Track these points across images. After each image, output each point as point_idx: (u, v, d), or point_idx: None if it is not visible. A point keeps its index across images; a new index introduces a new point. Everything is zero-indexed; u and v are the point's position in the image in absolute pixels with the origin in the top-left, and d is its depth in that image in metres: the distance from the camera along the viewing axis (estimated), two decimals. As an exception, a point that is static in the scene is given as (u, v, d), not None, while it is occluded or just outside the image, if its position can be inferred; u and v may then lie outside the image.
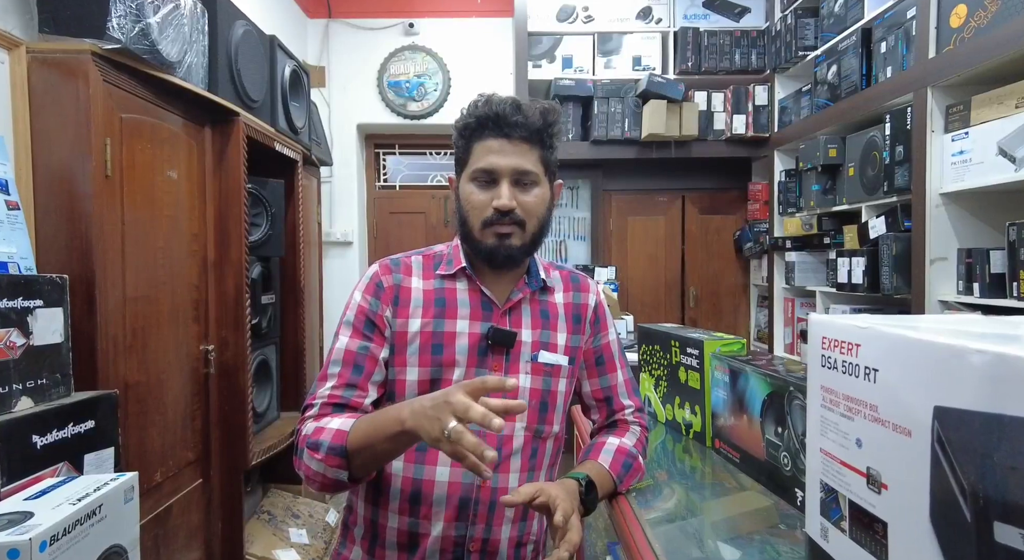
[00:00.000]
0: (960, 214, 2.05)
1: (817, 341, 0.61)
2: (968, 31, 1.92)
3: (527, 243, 0.93)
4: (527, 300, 0.97)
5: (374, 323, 0.92)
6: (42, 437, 1.14)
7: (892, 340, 0.49)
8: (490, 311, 0.94)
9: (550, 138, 0.94)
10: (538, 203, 0.93)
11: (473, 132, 0.92)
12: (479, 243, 0.92)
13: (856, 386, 0.54)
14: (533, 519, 0.95)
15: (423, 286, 0.95)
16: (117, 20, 1.40)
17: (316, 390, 0.92)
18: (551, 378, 0.95)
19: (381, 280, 0.94)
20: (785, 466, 0.89)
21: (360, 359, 0.91)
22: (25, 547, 0.85)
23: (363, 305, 0.93)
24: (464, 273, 0.96)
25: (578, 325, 1.00)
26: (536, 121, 0.91)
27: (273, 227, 2.25)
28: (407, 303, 0.93)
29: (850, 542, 0.55)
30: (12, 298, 1.13)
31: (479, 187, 0.92)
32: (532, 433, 0.93)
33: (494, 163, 0.90)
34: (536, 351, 0.94)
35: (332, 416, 0.87)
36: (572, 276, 1.05)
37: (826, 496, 0.59)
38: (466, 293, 0.95)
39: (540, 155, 0.93)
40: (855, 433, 0.54)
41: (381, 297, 0.93)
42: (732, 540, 0.93)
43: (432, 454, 0.89)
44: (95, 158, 1.40)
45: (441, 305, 0.93)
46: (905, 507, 0.47)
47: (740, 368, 1.01)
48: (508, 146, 0.90)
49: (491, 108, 0.90)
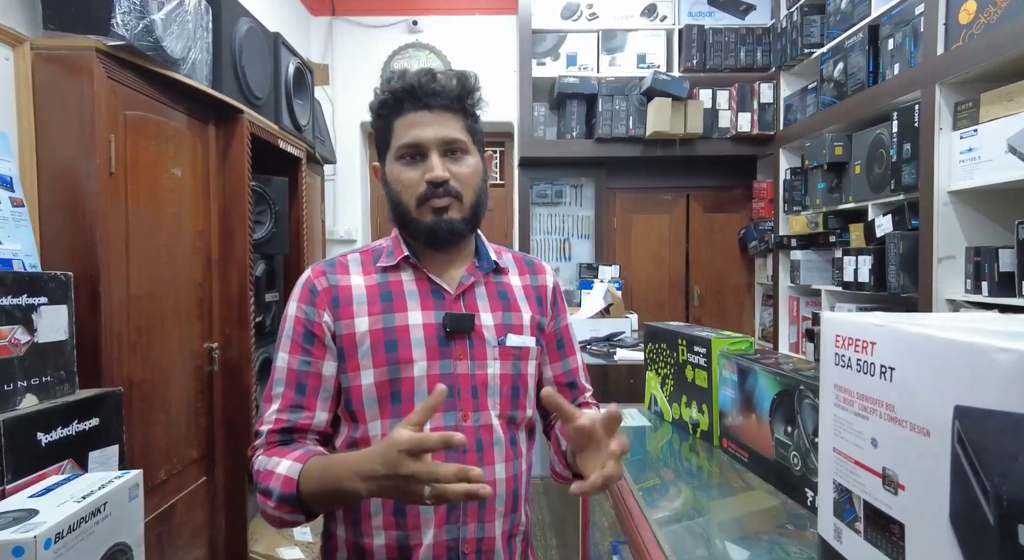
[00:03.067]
0: (968, 212, 2.03)
1: (831, 339, 0.60)
2: (977, 27, 1.90)
3: (467, 216, 0.88)
4: (480, 283, 0.92)
5: (313, 334, 0.86)
6: (47, 434, 1.13)
7: (910, 338, 0.48)
8: (442, 298, 0.88)
9: (472, 106, 0.89)
10: (472, 173, 0.88)
11: (391, 109, 0.87)
12: (417, 222, 0.87)
13: (871, 385, 0.53)
14: (521, 510, 0.91)
15: (364, 282, 0.88)
16: (121, 16, 1.39)
17: (263, 413, 0.87)
18: (520, 361, 0.91)
19: (314, 284, 0.88)
20: (795, 466, 0.88)
21: (303, 377, 0.85)
22: (30, 545, 0.84)
23: (298, 316, 0.87)
24: (408, 262, 0.90)
25: (541, 306, 0.96)
26: (454, 88, 0.86)
27: (277, 225, 2.24)
28: (348, 302, 0.86)
29: (865, 543, 0.54)
30: (17, 295, 1.13)
31: (407, 165, 0.86)
32: (506, 420, 0.89)
33: (419, 136, 0.85)
34: (502, 335, 0.89)
35: (279, 449, 0.83)
36: (526, 259, 1.01)
37: (840, 496, 0.58)
38: (413, 283, 0.89)
39: (465, 123, 0.88)
40: (870, 432, 0.53)
41: (316, 303, 0.86)
42: (740, 540, 0.92)
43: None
44: (99, 155, 1.39)
45: (388, 299, 0.87)
46: (923, 508, 0.46)
47: (749, 367, 1.00)
48: (430, 117, 0.85)
49: (406, 81, 0.86)
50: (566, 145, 3.52)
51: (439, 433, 0.66)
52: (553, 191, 3.86)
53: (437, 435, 0.65)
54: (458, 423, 0.84)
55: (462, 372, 0.85)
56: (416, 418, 0.67)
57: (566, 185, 3.89)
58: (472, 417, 0.85)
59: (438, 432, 0.67)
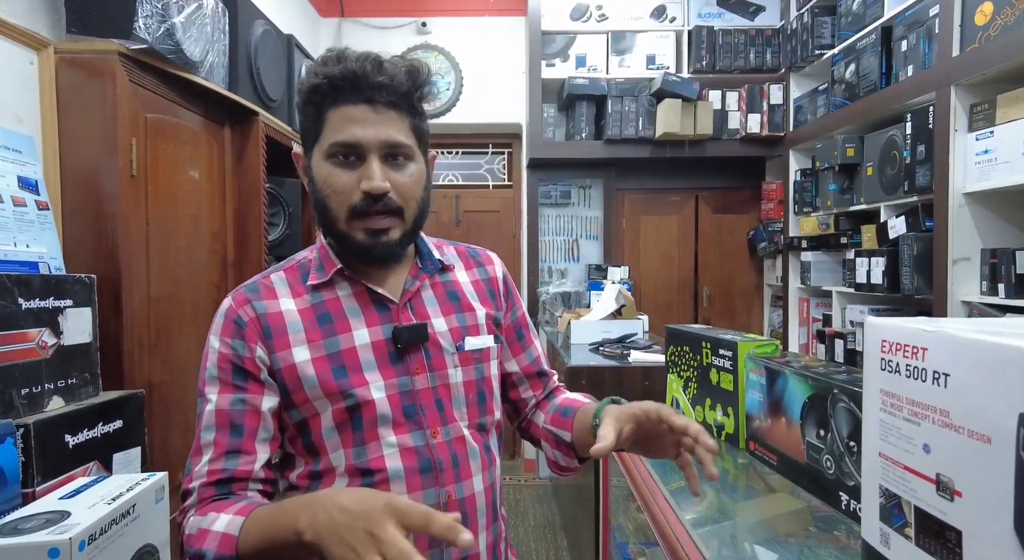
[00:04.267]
0: (984, 214, 2.03)
1: (876, 344, 0.60)
2: (994, 29, 1.89)
3: (408, 233, 0.78)
4: (427, 286, 0.84)
5: (245, 370, 0.75)
6: (74, 436, 1.14)
7: (967, 344, 0.48)
8: (387, 310, 0.79)
9: (420, 102, 0.78)
10: (415, 183, 0.77)
11: (325, 96, 0.74)
12: (348, 237, 0.76)
13: (922, 390, 0.53)
14: (500, 517, 0.86)
15: (296, 306, 0.78)
16: (143, 20, 1.40)
17: (191, 469, 0.75)
18: (482, 364, 0.84)
19: (239, 315, 0.77)
20: (828, 469, 0.88)
21: (237, 416, 0.74)
22: (65, 546, 0.85)
23: (224, 352, 0.76)
24: (342, 276, 0.80)
25: (494, 300, 0.90)
26: (404, 82, 0.75)
27: (291, 226, 2.25)
28: (282, 331, 0.76)
29: (916, 549, 0.54)
30: (44, 298, 1.14)
31: (339, 166, 0.75)
32: (477, 428, 0.83)
33: (357, 136, 0.73)
34: (460, 340, 0.82)
35: (216, 504, 0.71)
36: (470, 250, 0.93)
37: (887, 501, 0.58)
38: (352, 298, 0.79)
39: (411, 124, 0.77)
40: (921, 438, 0.53)
41: (245, 335, 0.76)
42: (767, 542, 0.93)
43: (384, 486, 0.75)
44: (121, 158, 1.40)
45: (327, 321, 0.77)
46: (983, 516, 0.46)
47: (779, 370, 1.00)
48: (372, 114, 0.74)
49: (347, 66, 0.73)
50: (575, 146, 3.52)
51: (449, 518, 0.55)
52: (561, 192, 3.86)
53: (449, 519, 0.55)
54: (427, 441, 0.77)
55: (422, 387, 0.78)
56: (411, 519, 0.56)
57: (574, 186, 3.89)
58: (442, 432, 0.79)
59: (448, 517, 0.55)
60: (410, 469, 0.76)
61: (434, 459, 0.77)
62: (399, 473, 0.75)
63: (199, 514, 0.71)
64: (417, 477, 0.76)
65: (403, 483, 0.75)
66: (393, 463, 0.75)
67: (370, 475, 0.75)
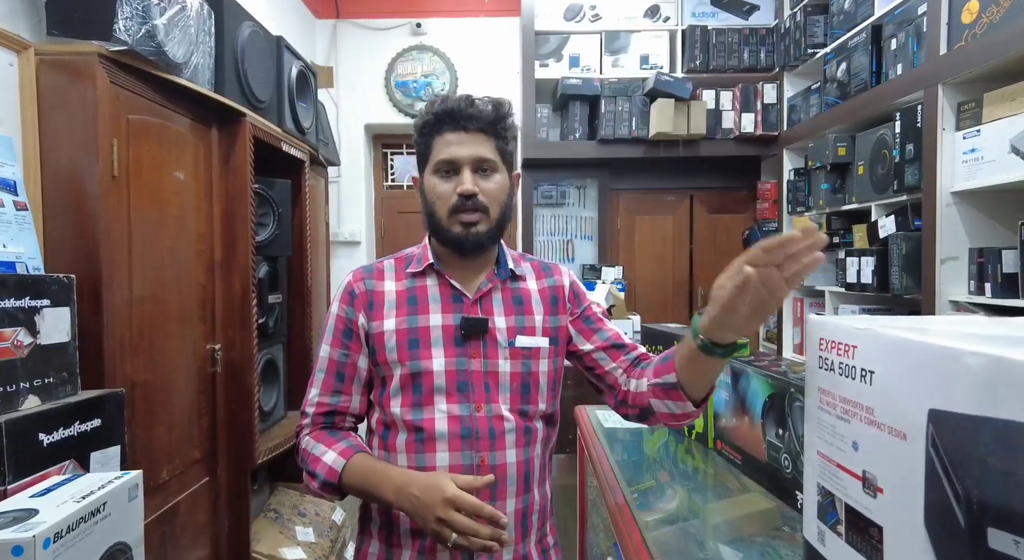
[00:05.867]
0: (971, 213, 2.02)
1: (815, 342, 0.60)
2: (980, 27, 1.89)
3: (493, 228, 0.97)
4: (497, 288, 1.01)
5: (351, 331, 0.99)
6: (48, 435, 1.15)
7: (888, 341, 0.49)
8: (460, 303, 0.98)
9: (504, 130, 0.99)
10: (499, 189, 0.98)
11: (432, 128, 0.98)
12: (447, 232, 0.96)
13: (853, 388, 0.53)
14: (534, 490, 0.98)
15: (395, 287, 1.00)
16: (123, 22, 1.41)
17: (307, 395, 1.01)
18: (530, 360, 0.99)
19: (353, 288, 1.00)
20: (786, 468, 0.88)
21: (341, 367, 0.99)
22: (29, 544, 0.86)
23: (340, 315, 1.00)
24: (432, 269, 1.00)
25: (556, 306, 1.04)
26: (489, 114, 0.96)
27: (280, 227, 2.25)
28: (381, 306, 0.99)
29: (846, 546, 0.54)
30: (20, 298, 1.15)
31: (442, 178, 0.97)
32: (518, 413, 0.97)
33: (454, 153, 0.95)
34: (513, 337, 0.98)
35: (324, 434, 0.98)
36: (543, 265, 1.10)
37: (823, 499, 0.58)
38: (436, 288, 1.00)
39: (496, 144, 0.98)
40: (851, 436, 0.53)
41: (354, 304, 0.99)
42: (733, 543, 0.92)
43: (431, 442, 0.94)
44: (102, 159, 1.41)
45: (413, 303, 0.98)
46: (900, 511, 0.46)
47: (741, 369, 1.00)
48: (466, 137, 0.95)
49: (447, 105, 0.97)
50: (569, 146, 3.53)
51: (490, 509, 0.81)
52: (556, 192, 3.86)
53: (490, 508, 0.80)
54: (471, 413, 0.94)
55: (475, 369, 0.95)
56: (462, 482, 0.82)
57: (569, 186, 3.89)
58: (484, 408, 0.95)
59: (489, 508, 0.81)
60: (453, 433, 0.93)
61: (473, 428, 0.94)
62: (444, 434, 0.93)
63: (313, 437, 0.98)
64: (457, 440, 0.93)
65: (446, 442, 0.93)
66: (440, 426, 0.93)
67: (421, 432, 0.94)
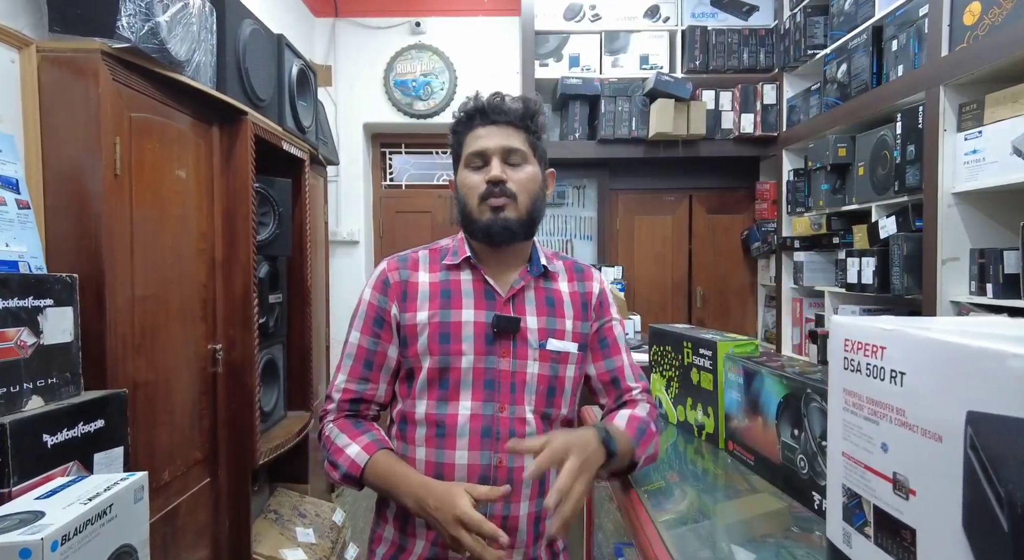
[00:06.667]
0: (973, 214, 2.03)
1: (839, 343, 0.60)
2: (982, 28, 1.89)
3: (522, 217, 0.96)
4: (530, 287, 1.00)
5: (383, 320, 0.98)
6: (52, 436, 1.13)
7: (921, 343, 0.48)
8: (493, 300, 0.97)
9: (534, 124, 0.99)
10: (529, 179, 0.97)
11: (464, 126, 1.00)
12: (477, 221, 0.96)
13: (881, 389, 0.53)
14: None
15: (429, 279, 0.99)
16: (127, 19, 1.40)
17: (334, 380, 1.01)
18: (559, 365, 0.98)
19: (388, 277, 1.00)
20: (802, 469, 0.88)
21: (370, 355, 0.99)
22: (37, 547, 0.84)
23: (372, 303, 0.99)
24: (468, 263, 1.00)
25: (585, 311, 1.03)
26: (518, 108, 0.98)
27: (280, 226, 2.24)
28: (414, 297, 0.98)
29: (875, 548, 0.54)
30: (23, 297, 1.13)
31: (473, 170, 0.97)
32: (540, 416, 0.96)
33: (483, 145, 0.96)
34: (544, 339, 0.97)
35: (348, 424, 0.97)
36: (576, 266, 1.08)
37: (849, 501, 0.58)
38: (470, 283, 0.99)
39: (526, 138, 0.98)
40: (880, 437, 0.53)
41: (388, 294, 0.99)
42: (746, 543, 0.92)
43: (451, 439, 0.93)
44: (104, 157, 1.39)
45: (447, 296, 0.97)
46: (935, 514, 0.46)
47: (756, 370, 1.00)
48: (495, 130, 0.97)
49: (478, 102, 0.99)
50: (569, 146, 3.52)
51: (492, 527, 0.79)
52: (556, 192, 3.86)
53: (491, 527, 0.79)
54: (495, 413, 0.93)
55: (504, 368, 0.94)
56: (477, 493, 0.82)
57: (568, 186, 3.89)
58: (508, 409, 0.94)
59: (491, 525, 0.80)
60: (474, 430, 0.93)
61: (495, 428, 0.93)
62: (464, 431, 0.93)
63: (337, 426, 0.98)
64: (478, 438, 0.92)
65: (466, 440, 0.93)
66: (463, 423, 0.93)
67: (443, 427, 0.94)
